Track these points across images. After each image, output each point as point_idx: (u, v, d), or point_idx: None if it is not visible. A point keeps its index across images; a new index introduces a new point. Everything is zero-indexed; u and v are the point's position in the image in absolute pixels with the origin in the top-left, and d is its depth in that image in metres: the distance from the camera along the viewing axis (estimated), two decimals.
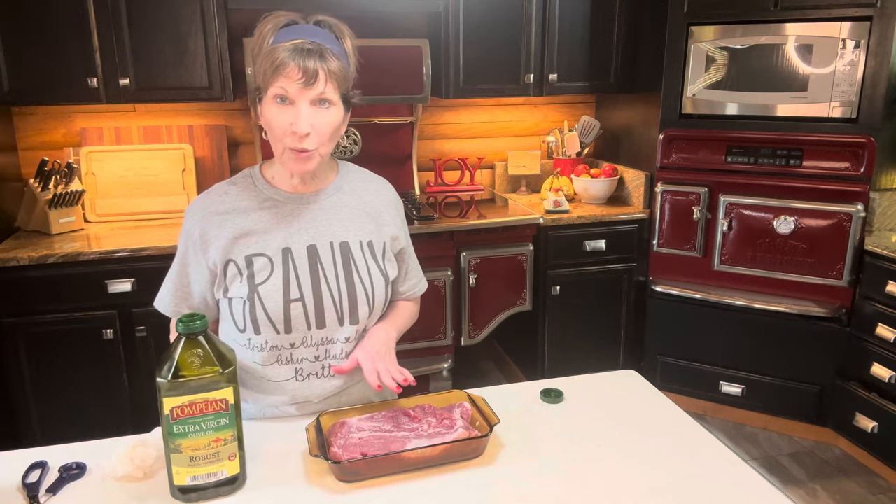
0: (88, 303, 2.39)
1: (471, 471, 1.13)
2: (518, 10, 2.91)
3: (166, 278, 1.32)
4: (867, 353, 2.57)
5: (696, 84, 2.81)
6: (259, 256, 1.24)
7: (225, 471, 1.06)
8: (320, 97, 1.16)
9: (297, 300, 1.24)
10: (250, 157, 3.06)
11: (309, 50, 1.14)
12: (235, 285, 1.24)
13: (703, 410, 3.04)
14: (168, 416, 1.01)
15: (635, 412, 1.33)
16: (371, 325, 1.34)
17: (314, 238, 1.27)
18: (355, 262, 1.29)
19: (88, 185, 2.74)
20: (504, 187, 3.44)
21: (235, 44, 2.75)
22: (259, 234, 1.25)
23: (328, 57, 1.15)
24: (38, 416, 2.44)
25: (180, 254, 1.30)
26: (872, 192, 2.59)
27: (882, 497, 2.49)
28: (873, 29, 2.47)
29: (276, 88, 1.15)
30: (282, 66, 1.13)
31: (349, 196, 1.33)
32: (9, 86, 2.44)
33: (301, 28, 1.19)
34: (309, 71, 1.13)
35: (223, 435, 1.04)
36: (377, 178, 1.41)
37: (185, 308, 1.30)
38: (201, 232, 1.25)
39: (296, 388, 1.30)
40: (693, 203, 2.86)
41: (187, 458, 1.03)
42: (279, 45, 1.14)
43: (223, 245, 1.24)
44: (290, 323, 1.24)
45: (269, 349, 1.27)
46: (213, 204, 1.27)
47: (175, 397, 1.01)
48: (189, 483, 1.04)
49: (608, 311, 3.06)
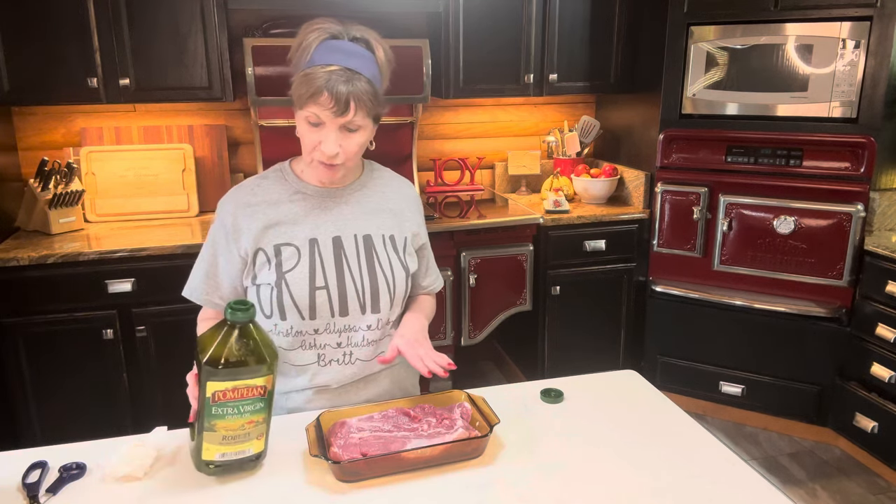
0: (88, 303, 2.39)
1: (471, 471, 1.13)
2: (518, 10, 2.91)
3: (195, 268, 1.38)
4: (867, 353, 2.57)
5: (696, 84, 2.81)
6: (287, 246, 1.30)
7: (251, 449, 1.09)
8: (349, 125, 1.23)
9: (322, 288, 1.30)
10: (250, 157, 3.06)
11: (343, 79, 1.19)
12: (264, 273, 1.31)
13: (703, 410, 3.04)
14: (209, 398, 1.04)
15: (635, 412, 1.33)
16: (393, 317, 1.39)
17: (339, 230, 1.33)
18: (377, 254, 1.35)
19: (88, 185, 2.74)
20: (504, 187, 3.44)
21: (235, 44, 2.75)
22: (288, 224, 1.32)
23: (361, 84, 1.21)
24: (38, 416, 2.44)
25: (211, 244, 1.36)
26: (872, 192, 2.59)
27: (882, 497, 2.49)
28: (873, 29, 2.47)
29: (309, 113, 1.22)
30: (316, 94, 1.19)
31: (373, 192, 1.40)
32: (9, 86, 2.44)
33: (340, 46, 1.23)
34: (341, 101, 1.19)
35: (257, 417, 1.08)
36: (399, 177, 1.49)
37: (215, 296, 1.35)
38: (233, 222, 1.32)
39: (317, 373, 1.35)
40: (693, 203, 2.86)
41: (220, 437, 1.07)
42: (316, 71, 1.20)
43: (254, 234, 1.31)
44: (314, 310, 1.30)
45: (293, 334, 1.32)
46: (246, 196, 1.34)
47: (219, 382, 1.04)
48: (217, 459, 1.08)
49: (608, 311, 3.06)
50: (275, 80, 2.77)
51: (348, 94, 1.19)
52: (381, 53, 1.28)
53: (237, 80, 2.75)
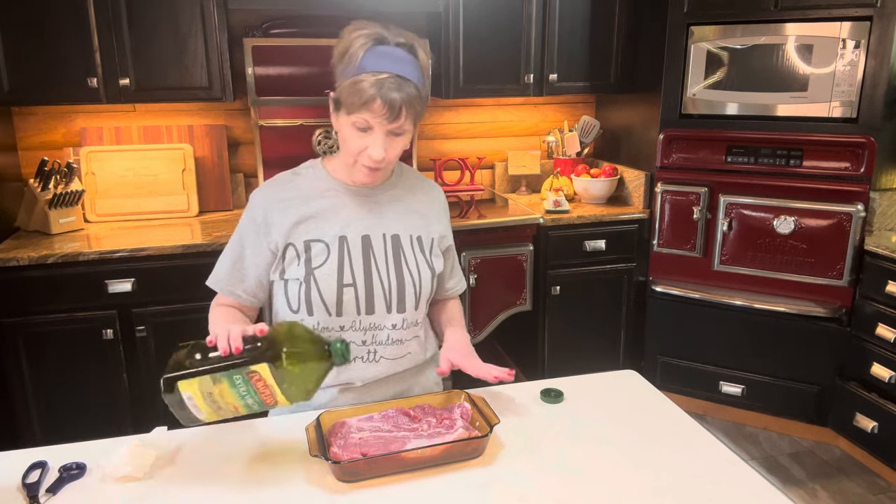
0: (88, 303, 2.39)
1: (471, 471, 1.13)
2: (518, 10, 2.90)
3: (221, 259, 1.39)
4: (867, 353, 2.57)
5: (696, 84, 2.81)
6: (317, 242, 1.32)
7: (205, 415, 1.08)
8: (397, 130, 1.25)
9: (350, 285, 1.32)
10: (250, 157, 3.06)
11: (395, 86, 1.20)
12: (293, 268, 1.32)
13: (703, 410, 3.04)
14: (249, 371, 1.03)
15: (635, 412, 1.33)
16: (419, 318, 1.41)
17: (368, 229, 1.35)
18: (405, 254, 1.37)
19: (88, 185, 2.74)
20: (504, 187, 3.44)
21: (235, 44, 2.75)
22: (318, 220, 1.33)
23: (410, 90, 1.23)
24: (38, 416, 2.44)
25: (239, 237, 1.37)
26: (872, 192, 2.59)
27: (882, 497, 2.49)
28: (873, 29, 2.47)
29: (359, 120, 1.23)
30: (369, 102, 1.20)
31: (403, 193, 1.42)
32: (9, 86, 2.44)
33: (388, 52, 1.23)
34: (394, 108, 1.21)
35: (241, 409, 1.08)
36: (428, 180, 1.52)
37: (239, 288, 1.37)
38: (265, 215, 1.33)
39: (341, 370, 1.35)
40: (693, 203, 2.86)
41: (207, 391, 1.05)
42: (367, 78, 1.20)
43: (285, 229, 1.32)
44: (341, 306, 1.32)
45: (319, 330, 1.33)
46: (278, 191, 1.36)
47: (268, 370, 1.03)
48: (185, 396, 1.05)
49: (608, 311, 3.06)
50: (275, 80, 2.77)
51: (401, 102, 1.21)
52: (423, 56, 1.30)
53: (237, 80, 2.75)
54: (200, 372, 1.04)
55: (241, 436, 1.24)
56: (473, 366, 1.33)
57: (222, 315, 1.35)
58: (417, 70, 1.26)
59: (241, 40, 2.75)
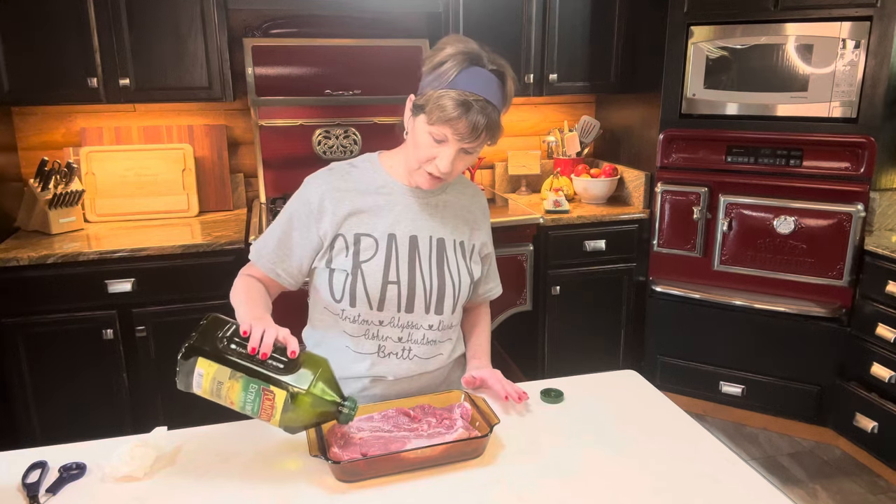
0: (88, 303, 2.39)
1: (471, 471, 1.13)
2: (518, 10, 2.91)
3: (267, 235, 1.41)
4: (867, 353, 2.57)
5: (696, 84, 2.81)
6: (367, 236, 1.35)
7: (201, 391, 1.09)
8: (470, 149, 1.28)
9: (394, 283, 1.34)
10: (250, 157, 3.06)
11: (481, 110, 1.23)
12: (340, 258, 1.35)
13: (703, 410, 3.04)
14: (259, 390, 1.07)
15: (635, 412, 1.34)
16: (455, 322, 1.44)
17: (416, 230, 1.38)
18: (448, 258, 1.40)
19: (88, 185, 2.74)
20: (504, 187, 3.44)
21: (235, 44, 2.75)
22: (370, 215, 1.36)
23: (494, 116, 1.26)
24: (38, 416, 2.44)
25: (287, 218, 1.38)
26: (872, 192, 2.59)
27: (882, 497, 2.49)
28: (873, 29, 2.47)
29: (439, 133, 1.25)
30: (454, 120, 1.22)
31: (452, 199, 1.45)
32: (9, 86, 2.44)
33: (482, 75, 1.25)
34: (476, 130, 1.24)
35: (244, 413, 1.10)
36: (473, 185, 1.55)
37: (279, 268, 1.38)
38: (320, 202, 1.36)
39: (375, 363, 1.38)
40: (693, 203, 2.86)
41: (218, 394, 1.08)
42: (457, 96, 1.22)
43: (337, 219, 1.35)
44: (384, 302, 1.34)
45: (360, 322, 1.36)
46: (336, 180, 1.38)
47: (290, 391, 1.07)
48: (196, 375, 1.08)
49: (608, 311, 3.06)
50: (275, 80, 2.77)
51: (484, 126, 1.23)
52: (510, 85, 1.31)
53: (237, 80, 2.75)
54: (224, 361, 1.08)
55: (241, 436, 1.24)
56: (500, 386, 1.37)
57: (246, 290, 1.35)
58: (503, 97, 1.29)
59: (241, 40, 2.75)
